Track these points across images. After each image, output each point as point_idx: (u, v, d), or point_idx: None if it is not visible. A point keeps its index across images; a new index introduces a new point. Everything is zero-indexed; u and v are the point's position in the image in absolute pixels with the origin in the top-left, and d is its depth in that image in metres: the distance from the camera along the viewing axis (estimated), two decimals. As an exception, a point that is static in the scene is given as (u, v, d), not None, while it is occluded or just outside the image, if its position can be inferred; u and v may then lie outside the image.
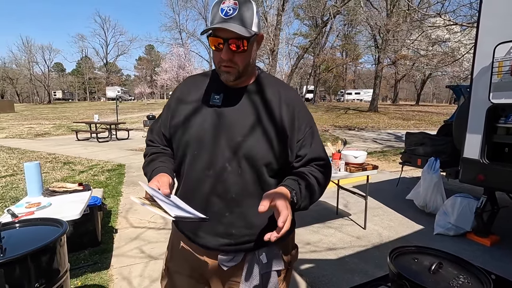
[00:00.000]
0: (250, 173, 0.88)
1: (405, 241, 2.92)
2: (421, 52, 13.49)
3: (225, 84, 0.92)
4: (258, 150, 0.87)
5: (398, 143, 9.61)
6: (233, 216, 0.91)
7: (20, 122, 16.43)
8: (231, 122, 0.89)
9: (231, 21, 0.80)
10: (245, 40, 0.82)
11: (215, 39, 0.83)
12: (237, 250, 0.94)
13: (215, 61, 0.89)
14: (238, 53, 0.84)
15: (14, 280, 1.14)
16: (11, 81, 46.91)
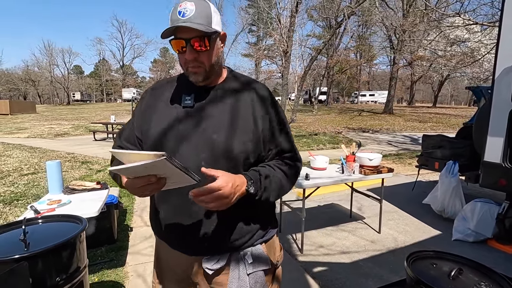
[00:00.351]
0: (227, 170, 0.85)
1: (422, 247, 2.84)
2: (439, 52, 13.14)
3: (195, 85, 0.92)
4: (234, 146, 0.88)
5: (414, 146, 9.37)
6: (214, 217, 0.89)
7: (41, 122, 17.08)
8: (205, 121, 0.90)
9: (190, 20, 0.81)
10: (206, 38, 0.84)
11: (177, 41, 0.84)
12: (221, 252, 0.93)
13: (182, 64, 0.90)
14: (202, 52, 0.85)
15: (38, 274, 1.18)
16: (33, 83, 48.86)
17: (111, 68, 56.79)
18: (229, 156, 0.87)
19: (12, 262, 1.11)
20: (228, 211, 0.85)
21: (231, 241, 0.92)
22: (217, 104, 0.92)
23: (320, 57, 24.31)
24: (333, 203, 4.13)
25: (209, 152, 0.87)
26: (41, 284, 1.20)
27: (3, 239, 1.33)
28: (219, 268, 0.93)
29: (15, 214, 3.52)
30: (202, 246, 0.92)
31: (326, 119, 17.52)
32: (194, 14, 0.81)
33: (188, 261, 0.95)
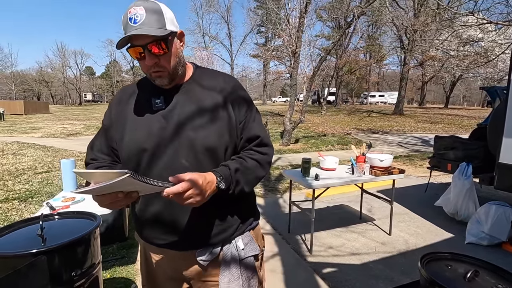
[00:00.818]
0: (208, 164, 0.89)
1: (434, 249, 2.77)
2: (451, 52, 12.88)
3: (164, 86, 0.92)
4: (212, 140, 0.89)
5: (425, 148, 9.21)
6: (200, 211, 0.89)
7: (54, 122, 17.48)
8: (180, 120, 0.90)
9: (143, 26, 0.80)
10: (163, 41, 0.83)
11: (134, 49, 0.83)
12: (213, 243, 0.94)
13: (144, 70, 0.89)
14: (162, 56, 0.84)
15: (54, 268, 1.21)
16: (46, 84, 50.06)
17: (121, 69, 57.70)
18: (209, 150, 0.89)
19: (30, 256, 1.14)
20: (216, 202, 0.88)
21: (222, 231, 0.95)
22: (188, 102, 0.92)
23: (329, 58, 24.15)
24: (343, 204, 4.10)
25: (189, 150, 0.88)
26: (58, 279, 1.23)
27: (21, 234, 1.37)
28: (214, 259, 0.95)
29: (30, 211, 3.61)
30: (193, 240, 0.93)
31: (334, 120, 17.39)
32: (146, 19, 0.80)
33: (179, 257, 0.95)
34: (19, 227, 1.42)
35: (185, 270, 0.97)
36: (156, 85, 0.92)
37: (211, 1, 36.20)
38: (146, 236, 0.99)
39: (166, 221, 0.92)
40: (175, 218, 0.91)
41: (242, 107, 0.96)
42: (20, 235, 1.37)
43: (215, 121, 0.91)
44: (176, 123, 0.89)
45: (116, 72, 56.16)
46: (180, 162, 0.87)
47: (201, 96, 0.93)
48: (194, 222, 0.91)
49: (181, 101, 0.92)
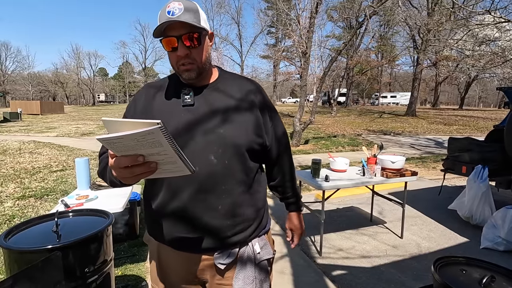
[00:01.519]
0: (235, 161, 0.91)
1: (448, 254, 2.71)
2: (466, 52, 12.55)
3: (190, 84, 0.94)
4: (240, 137, 0.91)
5: (438, 150, 9.00)
6: (225, 208, 0.91)
7: (69, 122, 17.94)
8: (209, 117, 0.91)
9: (180, 18, 0.83)
10: (196, 33, 0.86)
11: (168, 39, 0.86)
12: (232, 243, 0.94)
13: (173, 63, 0.91)
14: (193, 49, 0.87)
15: (68, 264, 1.24)
16: (61, 85, 51.44)
17: (133, 70, 58.74)
18: (236, 147, 0.91)
19: (45, 252, 1.18)
20: (238, 199, 0.92)
21: (241, 231, 0.95)
22: (217, 100, 0.94)
23: (339, 58, 23.92)
24: (353, 206, 4.05)
25: (218, 146, 0.89)
26: (71, 274, 1.26)
27: (38, 230, 1.41)
28: (231, 262, 0.95)
29: (45, 208, 3.72)
30: (212, 242, 0.92)
31: (345, 121, 17.20)
32: (183, 12, 0.83)
33: (195, 259, 0.95)
34: (36, 223, 1.46)
35: (201, 272, 0.96)
36: (184, 82, 0.94)
37: (222, 3, 36.46)
38: (161, 237, 0.97)
39: (184, 221, 0.91)
40: (195, 218, 0.90)
41: (269, 111, 1.01)
42: (36, 231, 1.41)
43: (243, 120, 0.94)
44: (205, 119, 0.91)
45: (128, 73, 57.18)
46: (208, 158, 0.88)
47: (228, 96, 0.96)
48: (215, 222, 0.91)
49: (210, 99, 0.94)
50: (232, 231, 0.93)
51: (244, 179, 0.94)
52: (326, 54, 23.15)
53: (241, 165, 0.93)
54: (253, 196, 0.98)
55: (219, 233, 0.92)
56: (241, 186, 0.93)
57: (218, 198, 0.90)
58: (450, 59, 18.84)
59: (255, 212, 0.99)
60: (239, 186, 0.93)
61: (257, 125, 0.95)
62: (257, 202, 1.00)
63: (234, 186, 0.92)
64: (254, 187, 0.99)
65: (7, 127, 15.13)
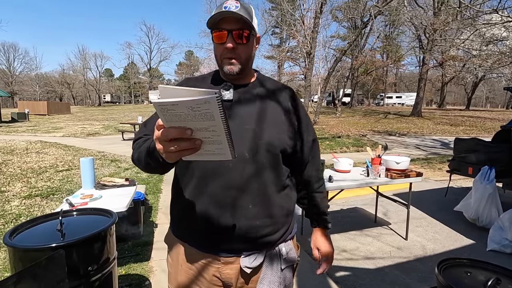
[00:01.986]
0: (269, 161, 0.91)
1: (453, 256, 2.69)
2: (473, 52, 12.40)
3: (231, 81, 0.96)
4: (275, 138, 0.91)
5: (444, 150, 8.91)
6: (256, 207, 0.90)
7: (75, 122, 18.13)
8: (246, 115, 0.92)
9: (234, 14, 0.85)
10: (247, 31, 0.88)
11: (219, 32, 0.88)
12: (259, 247, 0.93)
13: (218, 55, 0.92)
14: (241, 45, 0.89)
15: (72, 262, 1.25)
16: (68, 86, 52.10)
17: (139, 71, 59.20)
18: (271, 147, 0.91)
19: (49, 250, 1.19)
20: (269, 200, 0.92)
21: (268, 236, 0.93)
22: (255, 99, 0.96)
23: (344, 58, 23.82)
24: (357, 207, 4.02)
25: (252, 144, 0.89)
26: (75, 272, 1.27)
27: (42, 229, 1.43)
28: (257, 266, 0.92)
29: (51, 207, 3.76)
30: (240, 244, 0.90)
31: (350, 121, 17.11)
32: (239, 10, 0.86)
33: (221, 262, 0.92)
34: (40, 222, 1.48)
35: (225, 275, 0.93)
36: (225, 79, 0.96)
37: (226, 3, 36.46)
38: (186, 236, 0.96)
39: (212, 220, 0.89)
40: (223, 216, 0.88)
41: (303, 118, 1.01)
42: (41, 230, 1.42)
43: (279, 122, 0.95)
44: (242, 116, 0.92)
45: (133, 74, 57.66)
46: (242, 154, 0.88)
47: (266, 97, 0.97)
48: (244, 221, 0.89)
49: (248, 97, 0.96)
50: (261, 232, 0.91)
51: (276, 181, 0.93)
52: (330, 55, 23.06)
53: (274, 166, 0.92)
54: (284, 200, 0.97)
55: (247, 234, 0.90)
56: (273, 186, 0.92)
57: (249, 197, 0.89)
58: (456, 59, 18.64)
59: (285, 216, 0.97)
60: (271, 186, 0.92)
61: (291, 129, 0.96)
62: (288, 206, 0.98)
63: (266, 186, 0.91)
64: (286, 191, 0.98)
65: (15, 127, 15.35)
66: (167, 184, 5.00)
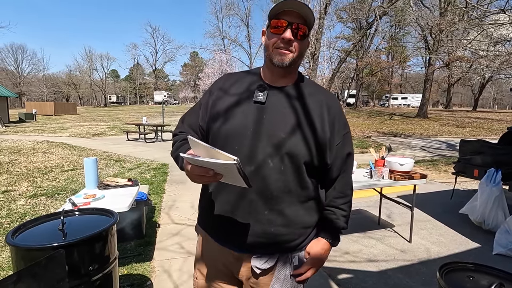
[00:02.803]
0: (291, 171, 0.89)
1: (458, 259, 2.64)
2: (481, 53, 12.25)
3: (269, 82, 0.95)
4: (301, 148, 0.88)
5: (450, 152, 8.81)
6: (272, 214, 0.90)
7: (81, 123, 18.33)
8: (275, 119, 0.90)
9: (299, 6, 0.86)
10: (306, 28, 0.88)
11: (280, 21, 0.87)
12: (272, 251, 0.93)
13: (270, 45, 0.90)
14: (297, 40, 0.88)
15: (73, 262, 1.26)
16: (74, 87, 52.73)
17: (144, 72, 59.75)
18: (294, 157, 0.88)
19: (50, 250, 1.20)
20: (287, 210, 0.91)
21: (285, 240, 0.93)
22: (288, 104, 0.93)
23: (349, 59, 23.72)
24: (361, 209, 3.99)
25: (276, 151, 0.88)
26: (76, 272, 1.28)
27: (45, 228, 1.44)
28: (267, 269, 0.93)
29: (55, 207, 3.80)
30: (256, 242, 0.91)
31: (354, 122, 17.02)
32: (303, 6, 0.87)
33: (235, 257, 0.95)
34: (43, 221, 1.49)
35: (237, 271, 0.97)
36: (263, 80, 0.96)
37: (231, 5, 36.74)
38: (208, 228, 1.02)
39: (231, 218, 0.92)
40: (241, 216, 0.91)
41: (341, 128, 0.96)
42: (43, 229, 1.43)
43: (309, 132, 0.90)
44: (271, 121, 0.90)
45: (139, 75, 58.15)
46: (265, 161, 0.87)
47: (301, 103, 0.94)
48: (258, 226, 0.90)
49: (282, 101, 0.93)
50: (274, 239, 0.91)
51: (297, 191, 0.91)
52: (335, 55, 22.97)
53: (297, 176, 0.90)
54: (306, 211, 0.94)
55: (260, 238, 0.91)
56: (293, 197, 0.91)
57: (266, 203, 0.89)
58: (463, 59, 18.44)
59: (304, 228, 0.95)
60: (290, 196, 0.90)
61: (322, 141, 0.91)
62: (309, 218, 0.96)
63: (285, 195, 0.90)
64: (310, 203, 0.95)
65: (22, 127, 15.57)
66: (170, 184, 5.02)
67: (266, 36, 0.92)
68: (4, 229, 3.11)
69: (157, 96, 47.25)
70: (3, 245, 2.74)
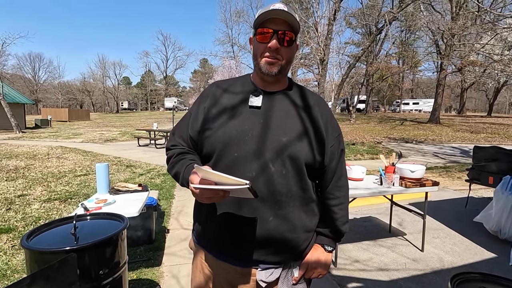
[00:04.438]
0: (293, 174, 0.88)
1: (473, 270, 2.56)
2: (495, 57, 12.00)
3: (262, 88, 0.95)
4: (301, 151, 0.88)
5: (464, 159, 8.58)
6: (277, 220, 0.88)
7: (94, 128, 18.76)
8: (274, 123, 0.90)
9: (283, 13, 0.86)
10: (291, 35, 0.88)
11: (265, 29, 0.88)
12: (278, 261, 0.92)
13: (257, 53, 0.91)
14: (284, 47, 0.89)
15: (84, 266, 1.29)
16: (88, 93, 54.09)
17: (155, 78, 60.83)
18: (296, 159, 0.88)
19: (63, 253, 1.23)
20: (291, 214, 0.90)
21: (291, 249, 0.92)
22: (285, 108, 0.94)
23: (358, 65, 23.58)
24: (371, 216, 3.92)
25: (277, 155, 0.87)
26: (86, 275, 1.30)
27: (58, 232, 1.48)
28: (273, 281, 0.92)
29: (68, 211, 3.88)
30: (256, 256, 0.89)
31: (364, 128, 16.83)
32: (288, 12, 0.87)
33: (238, 273, 0.92)
34: (56, 225, 1.53)
35: (241, 286, 0.94)
36: (256, 85, 0.96)
37: (240, 12, 37.29)
38: (206, 244, 0.98)
39: (232, 229, 0.89)
40: (244, 226, 0.88)
41: (334, 131, 0.98)
42: (56, 233, 1.47)
43: (307, 134, 0.91)
44: (269, 125, 0.90)
45: (150, 81, 59.25)
46: (266, 165, 0.86)
47: (297, 107, 0.95)
48: (263, 233, 0.88)
49: (278, 105, 0.93)
50: (279, 247, 0.90)
51: (299, 194, 0.91)
52: (344, 61, 22.91)
53: (299, 179, 0.89)
54: (308, 215, 0.94)
55: (265, 247, 0.89)
56: (295, 200, 0.90)
57: (271, 209, 0.87)
58: (476, 64, 18.06)
59: (307, 232, 0.95)
60: (293, 200, 0.90)
61: (320, 142, 0.92)
62: (310, 221, 0.96)
63: (289, 199, 0.89)
64: (311, 206, 0.95)
65: (38, 133, 16.04)
66: (180, 189, 5.06)
67: (253, 45, 0.93)
68: (19, 232, 3.19)
69: (167, 102, 47.95)
70: (18, 248, 2.81)
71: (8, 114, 15.21)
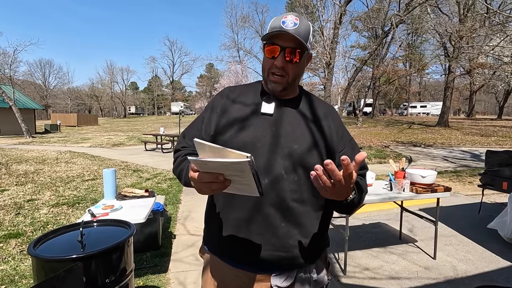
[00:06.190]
0: (305, 180, 0.88)
1: (488, 279, 2.47)
2: (505, 59, 11.78)
3: (273, 94, 0.94)
4: (313, 158, 0.89)
5: (475, 163, 8.40)
6: (289, 226, 0.88)
7: (102, 133, 19.00)
8: (286, 131, 0.90)
9: (292, 32, 0.84)
10: (299, 52, 0.87)
11: (273, 47, 0.87)
12: (291, 265, 0.90)
13: (266, 68, 0.91)
14: (291, 64, 0.88)
15: (90, 273, 1.27)
16: (96, 99, 55.02)
17: (162, 83, 61.58)
18: (308, 167, 0.86)
19: (69, 261, 1.21)
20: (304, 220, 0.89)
21: (305, 254, 0.91)
22: (296, 116, 0.94)
23: (365, 68, 23.47)
24: (380, 222, 3.84)
25: (288, 161, 0.87)
26: (93, 284, 1.29)
27: (65, 239, 1.47)
28: (289, 286, 0.90)
29: (75, 216, 3.90)
30: (275, 258, 0.88)
31: (371, 132, 16.66)
32: (297, 28, 0.85)
33: (251, 278, 0.91)
34: (63, 232, 1.52)
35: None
36: (267, 92, 0.95)
37: (246, 17, 37.59)
38: (218, 250, 0.96)
39: (244, 235, 0.88)
40: (256, 233, 0.87)
41: (344, 136, 0.98)
42: (63, 240, 1.46)
43: (318, 141, 0.92)
44: (282, 132, 0.90)
45: (157, 86, 59.97)
46: (278, 172, 0.87)
47: (308, 114, 0.96)
48: (276, 240, 0.87)
49: (289, 113, 0.94)
50: (292, 252, 0.89)
51: (311, 201, 0.90)
52: (350, 65, 22.81)
53: (310, 186, 0.87)
54: (319, 221, 0.93)
55: (278, 252, 0.88)
56: (307, 206, 0.90)
57: (282, 216, 0.87)
58: (485, 66, 17.79)
59: (320, 237, 0.94)
60: (305, 206, 0.89)
61: (331, 150, 0.93)
62: (323, 227, 0.95)
63: (301, 206, 0.89)
64: (321, 212, 0.94)
65: (47, 138, 16.31)
66: (186, 194, 5.06)
67: (263, 56, 0.93)
68: (27, 237, 3.21)
69: (174, 107, 48.39)
70: (27, 253, 2.83)
71: (19, 120, 15.52)
